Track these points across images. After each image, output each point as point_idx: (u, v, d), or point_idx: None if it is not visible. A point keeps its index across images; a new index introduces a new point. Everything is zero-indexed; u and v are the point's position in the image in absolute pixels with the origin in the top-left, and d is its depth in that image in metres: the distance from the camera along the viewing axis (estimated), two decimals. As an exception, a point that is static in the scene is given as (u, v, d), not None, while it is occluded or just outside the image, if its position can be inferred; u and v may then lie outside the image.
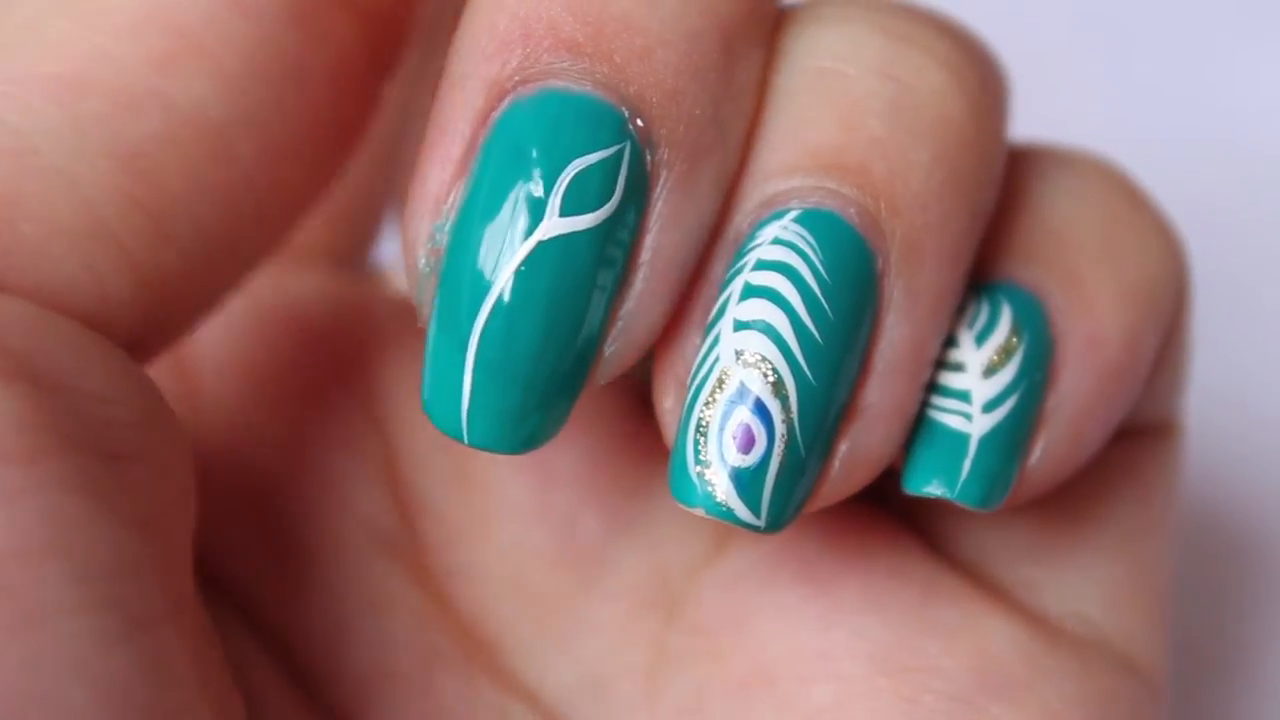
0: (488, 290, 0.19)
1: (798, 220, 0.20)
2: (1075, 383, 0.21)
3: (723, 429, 0.20)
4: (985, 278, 0.22)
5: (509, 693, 0.24)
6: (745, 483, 0.20)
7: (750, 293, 0.20)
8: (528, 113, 0.19)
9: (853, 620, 0.22)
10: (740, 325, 0.20)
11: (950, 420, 0.21)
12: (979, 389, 0.21)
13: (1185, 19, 0.41)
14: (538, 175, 0.19)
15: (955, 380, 0.21)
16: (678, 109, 0.20)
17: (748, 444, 0.20)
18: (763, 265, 0.20)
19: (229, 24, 0.20)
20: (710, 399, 0.20)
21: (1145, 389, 0.23)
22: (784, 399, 0.20)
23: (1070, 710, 0.22)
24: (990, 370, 0.21)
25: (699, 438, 0.20)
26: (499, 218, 0.19)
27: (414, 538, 0.24)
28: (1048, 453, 0.21)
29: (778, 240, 0.20)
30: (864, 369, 0.20)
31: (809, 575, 0.23)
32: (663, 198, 0.20)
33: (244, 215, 0.21)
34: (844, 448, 0.20)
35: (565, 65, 0.19)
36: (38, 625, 0.16)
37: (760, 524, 0.20)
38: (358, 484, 0.24)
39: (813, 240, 0.20)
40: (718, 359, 0.20)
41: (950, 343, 0.21)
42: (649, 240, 0.20)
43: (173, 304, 0.20)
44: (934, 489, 0.21)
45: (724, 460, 0.20)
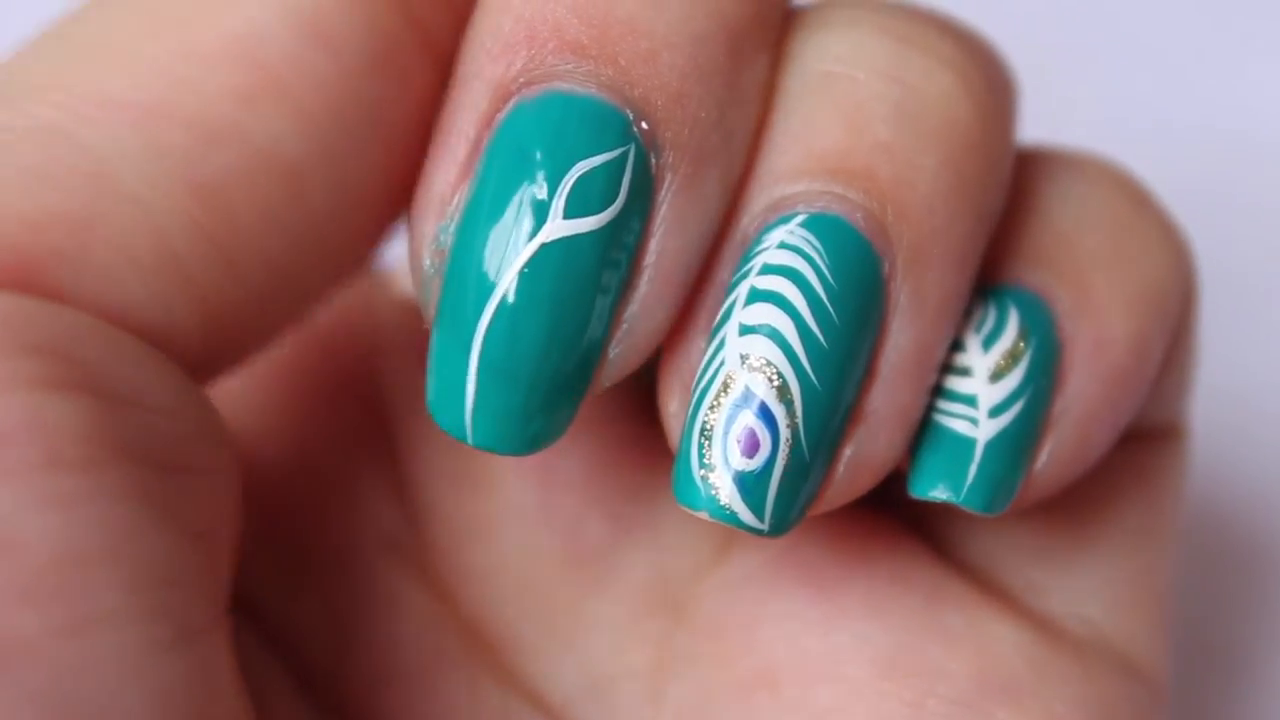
0: (491, 291, 0.19)
1: (804, 225, 0.20)
2: (1082, 386, 0.21)
3: (727, 433, 0.20)
4: (992, 280, 0.22)
5: (514, 693, 0.24)
6: (749, 486, 0.20)
7: (756, 297, 0.20)
8: (532, 115, 0.19)
9: (856, 624, 0.22)
10: (746, 330, 0.20)
11: (956, 425, 0.21)
12: (985, 393, 0.21)
13: (1188, 18, 0.41)
14: (541, 177, 0.19)
15: (962, 384, 0.21)
16: (683, 112, 0.19)
17: (752, 448, 0.20)
18: (768, 269, 0.20)
19: (311, 61, 0.20)
20: (715, 403, 0.20)
21: (1151, 392, 0.23)
22: (789, 403, 0.20)
23: (1073, 713, 0.22)
24: (997, 375, 0.21)
25: (703, 441, 0.20)
26: (503, 219, 0.19)
27: (419, 539, 0.24)
28: (1054, 457, 0.21)
29: (784, 244, 0.20)
30: (869, 373, 0.20)
31: (813, 579, 0.23)
32: (668, 201, 0.20)
33: (311, 252, 0.20)
34: (848, 452, 0.20)
35: (570, 67, 0.19)
36: (90, 630, 0.17)
37: (764, 528, 0.20)
38: (363, 486, 0.24)
39: (819, 245, 0.20)
40: (723, 363, 0.20)
41: (957, 346, 0.21)
42: (654, 243, 0.20)
43: (233, 334, 0.20)
44: (939, 493, 0.21)
45: (728, 464, 0.20)
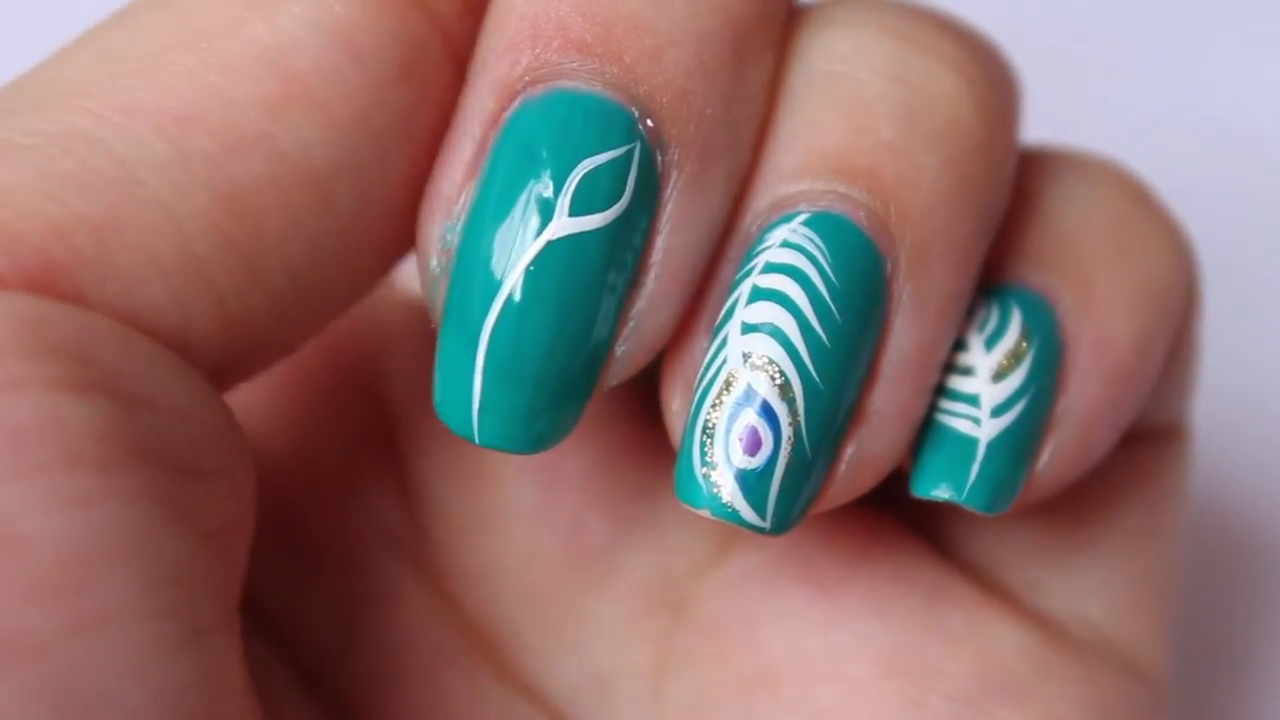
0: (497, 290, 0.19)
1: (807, 223, 0.20)
2: (1084, 386, 0.21)
3: (729, 431, 0.20)
4: (995, 280, 0.22)
5: (515, 691, 0.24)
6: (751, 485, 0.20)
7: (758, 295, 0.20)
8: (537, 113, 0.19)
9: (858, 623, 0.22)
10: (748, 328, 0.20)
11: (959, 424, 0.21)
12: (988, 393, 0.21)
13: (1190, 17, 0.41)
14: (547, 175, 0.19)
15: (964, 384, 0.21)
16: (688, 109, 0.20)
17: (754, 446, 0.20)
18: (771, 268, 0.20)
19: (341, 71, 0.19)
20: (717, 401, 0.20)
21: (1154, 393, 0.23)
22: (791, 402, 0.20)
23: (1074, 713, 0.22)
24: (1000, 375, 0.21)
25: (705, 439, 0.20)
26: (509, 218, 0.19)
27: (422, 538, 0.24)
28: (1056, 456, 0.21)
29: (787, 243, 0.20)
30: (872, 373, 0.20)
31: (814, 578, 0.23)
32: (673, 198, 0.20)
33: (336, 263, 0.20)
34: (850, 451, 0.20)
35: (575, 65, 0.19)
36: (102, 627, 0.17)
37: (765, 526, 0.20)
38: (366, 484, 0.24)
39: (821, 244, 0.20)
40: (725, 361, 0.20)
41: (960, 346, 0.21)
42: (660, 241, 0.20)
43: (254, 343, 0.20)
44: (942, 493, 0.21)
45: (730, 462, 0.20)
